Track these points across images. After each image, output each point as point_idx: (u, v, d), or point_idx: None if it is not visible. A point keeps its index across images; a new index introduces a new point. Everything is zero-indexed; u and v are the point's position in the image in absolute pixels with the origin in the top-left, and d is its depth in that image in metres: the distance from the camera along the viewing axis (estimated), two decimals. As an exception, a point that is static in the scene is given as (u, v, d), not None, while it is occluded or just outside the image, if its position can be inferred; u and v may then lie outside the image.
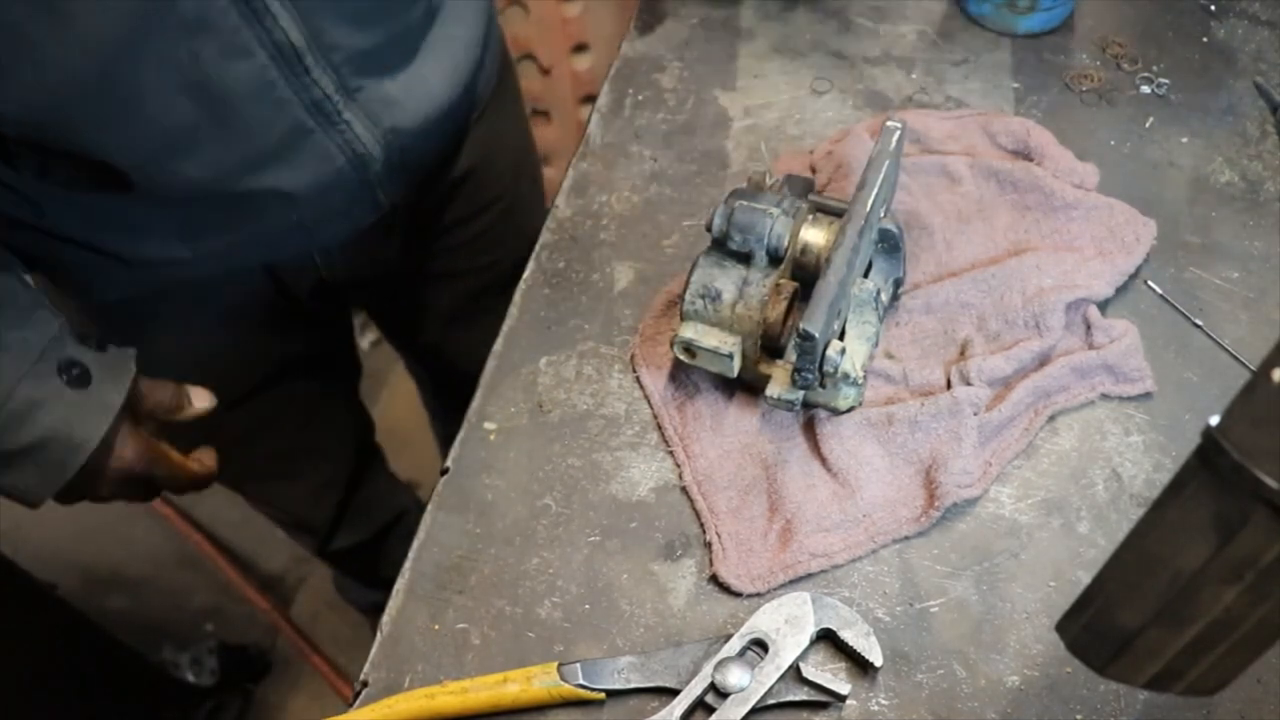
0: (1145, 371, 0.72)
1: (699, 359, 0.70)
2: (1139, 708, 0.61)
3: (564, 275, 0.81)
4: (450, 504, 0.71)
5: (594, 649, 0.65)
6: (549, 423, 0.74)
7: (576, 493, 0.71)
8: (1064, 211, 0.79)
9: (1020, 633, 0.64)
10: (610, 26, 1.65)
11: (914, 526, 0.67)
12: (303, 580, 1.94)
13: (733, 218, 0.68)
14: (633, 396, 0.75)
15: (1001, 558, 0.67)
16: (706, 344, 0.69)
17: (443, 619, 0.66)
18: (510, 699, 0.62)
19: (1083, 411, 0.72)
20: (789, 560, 0.66)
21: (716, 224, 0.69)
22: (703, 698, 0.61)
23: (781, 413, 0.71)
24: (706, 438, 0.71)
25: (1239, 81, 0.90)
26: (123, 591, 1.94)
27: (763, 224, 0.67)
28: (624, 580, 0.67)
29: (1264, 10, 0.95)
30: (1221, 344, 0.75)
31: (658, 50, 0.97)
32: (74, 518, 2.03)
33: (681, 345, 0.69)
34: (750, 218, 0.68)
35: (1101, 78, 0.91)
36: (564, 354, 0.77)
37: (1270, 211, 0.82)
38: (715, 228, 0.69)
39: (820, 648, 0.63)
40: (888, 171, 0.68)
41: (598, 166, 0.88)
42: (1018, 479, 0.70)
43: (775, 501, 0.68)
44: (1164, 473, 0.70)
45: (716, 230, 0.69)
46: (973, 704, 0.62)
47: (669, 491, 0.70)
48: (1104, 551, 0.66)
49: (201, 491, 0.93)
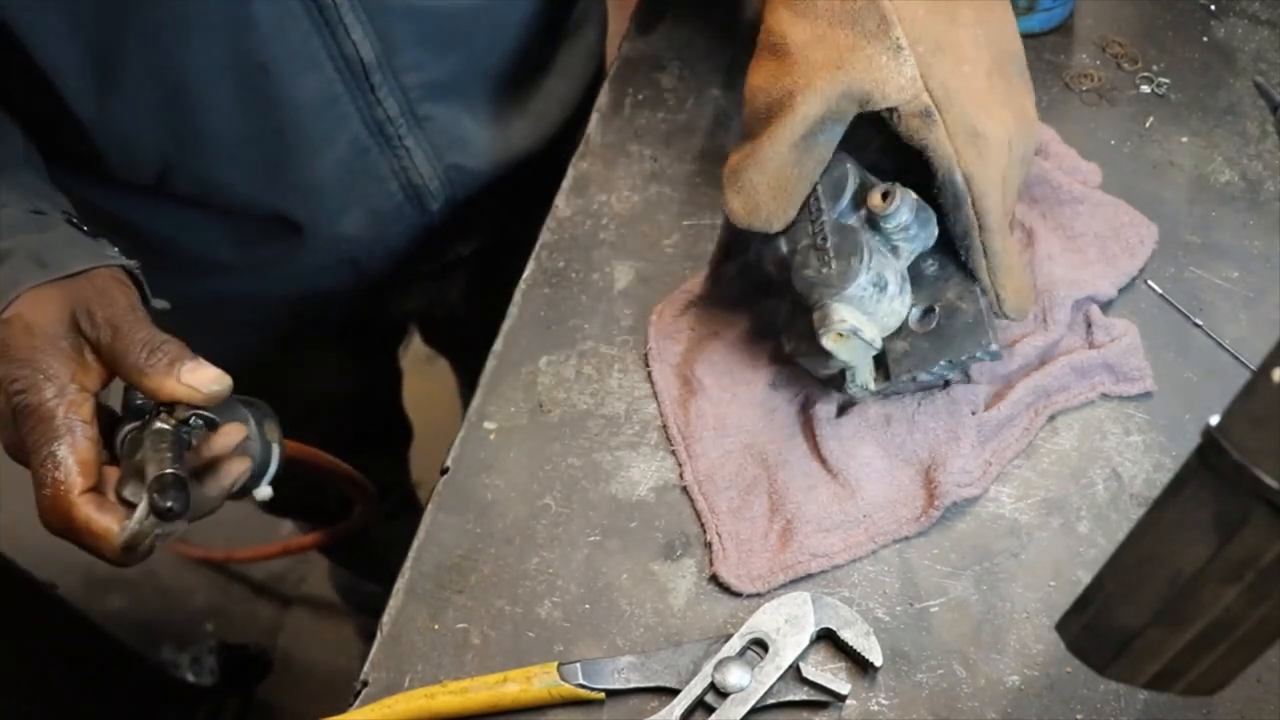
0: (1145, 371, 0.72)
1: (836, 352, 0.64)
2: (1139, 708, 0.61)
3: (564, 275, 0.81)
4: (450, 504, 0.71)
5: (594, 649, 0.65)
6: (549, 422, 0.74)
7: (576, 492, 0.71)
8: (1070, 205, 0.79)
9: (1020, 632, 0.64)
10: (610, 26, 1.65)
11: (914, 526, 0.67)
12: (303, 580, 1.94)
13: (919, 213, 0.65)
14: (633, 396, 0.75)
15: (1001, 558, 0.67)
16: (866, 334, 0.63)
17: (443, 619, 0.66)
18: (510, 699, 0.62)
19: (1083, 411, 0.72)
20: (789, 560, 0.66)
21: (904, 215, 0.64)
22: (703, 697, 0.61)
23: (782, 412, 0.72)
24: (709, 437, 0.71)
25: (1239, 81, 0.89)
26: (123, 591, 1.94)
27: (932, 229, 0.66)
28: (624, 580, 0.67)
29: (1264, 10, 0.95)
30: (1221, 344, 0.75)
31: (658, 50, 0.97)
32: (74, 518, 2.04)
33: (845, 329, 0.62)
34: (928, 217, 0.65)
35: (1101, 77, 0.91)
36: (564, 354, 0.77)
37: (1270, 211, 0.82)
38: (899, 216, 0.64)
39: (820, 647, 0.63)
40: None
41: (598, 166, 0.88)
42: (1018, 479, 0.70)
43: (776, 502, 0.68)
44: (1164, 473, 0.70)
45: (899, 219, 0.64)
46: (973, 704, 0.62)
47: (669, 491, 0.70)
48: (1104, 551, 0.66)
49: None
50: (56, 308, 0.59)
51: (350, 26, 0.70)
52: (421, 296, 1.00)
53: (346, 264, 0.86)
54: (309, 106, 0.73)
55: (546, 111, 0.88)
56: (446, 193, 0.85)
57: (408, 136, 0.79)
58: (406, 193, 0.82)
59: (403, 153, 0.80)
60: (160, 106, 0.70)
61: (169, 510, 0.56)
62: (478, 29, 0.79)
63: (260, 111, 0.71)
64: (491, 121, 0.84)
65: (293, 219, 0.79)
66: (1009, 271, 0.65)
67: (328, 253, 0.83)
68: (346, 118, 0.75)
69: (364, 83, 0.74)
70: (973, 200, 0.63)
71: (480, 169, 0.85)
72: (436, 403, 1.64)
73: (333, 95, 0.73)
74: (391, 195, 0.82)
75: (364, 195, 0.81)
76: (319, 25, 0.69)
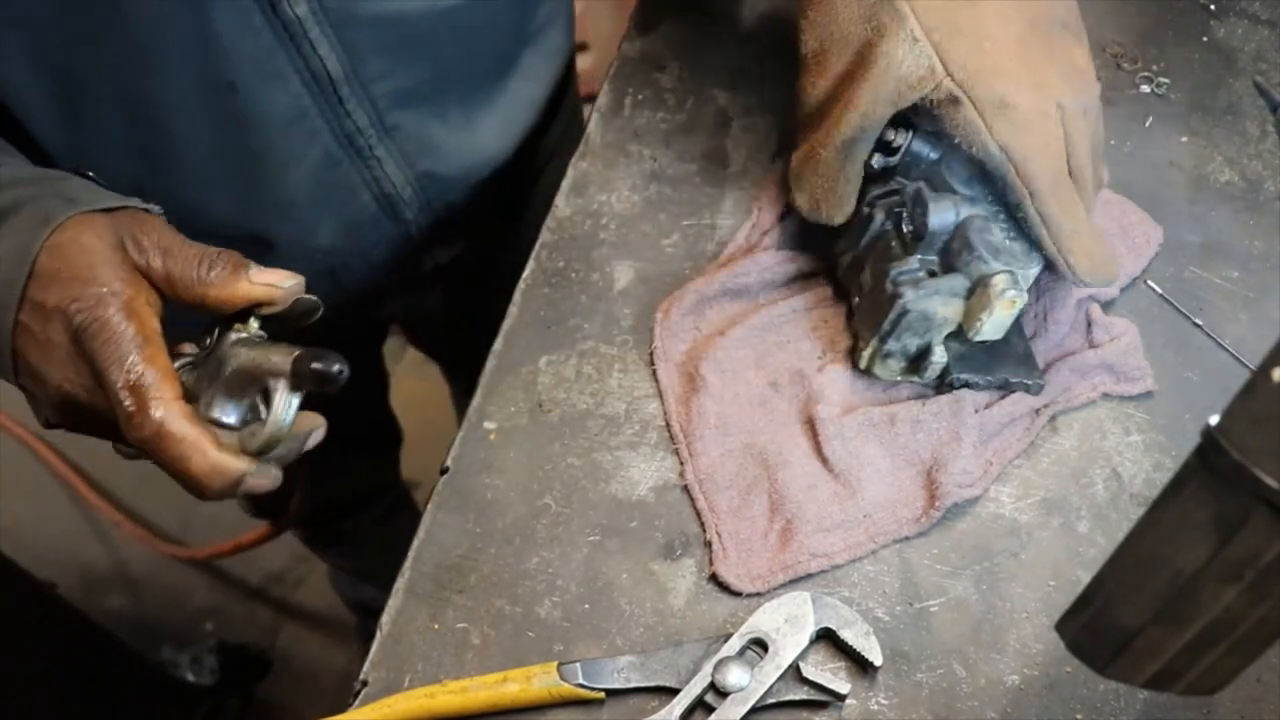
0: (1146, 370, 0.72)
1: (999, 322, 0.67)
2: (1139, 707, 0.61)
3: (564, 275, 0.81)
4: (450, 504, 0.71)
5: (594, 648, 0.65)
6: (549, 422, 0.74)
7: (576, 492, 0.71)
8: None
9: (1020, 632, 0.64)
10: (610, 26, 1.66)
11: (914, 527, 0.67)
12: (302, 580, 1.94)
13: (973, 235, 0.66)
14: (632, 396, 0.75)
15: (1001, 557, 0.67)
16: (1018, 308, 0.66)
17: (443, 618, 0.66)
18: (510, 698, 0.62)
19: (1083, 411, 0.72)
20: (789, 560, 0.66)
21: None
22: (702, 697, 0.61)
23: (784, 412, 0.72)
24: (710, 436, 0.71)
25: (1239, 81, 0.89)
26: (123, 591, 1.94)
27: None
28: (624, 580, 0.67)
29: (1264, 10, 0.95)
30: (1221, 344, 0.75)
31: (657, 50, 0.97)
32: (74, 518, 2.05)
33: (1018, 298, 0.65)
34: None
35: (1101, 78, 0.91)
36: (564, 354, 0.77)
37: (1270, 211, 0.82)
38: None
39: (820, 647, 0.63)
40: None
41: (597, 166, 0.88)
42: (1018, 479, 0.70)
43: (776, 501, 0.68)
44: (1164, 473, 0.70)
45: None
46: (973, 703, 0.62)
47: (669, 491, 0.70)
48: (1104, 551, 0.66)
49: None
50: (104, 232, 0.56)
51: (316, 41, 0.70)
52: (402, 303, 1.00)
53: (324, 275, 0.86)
54: (278, 123, 0.72)
55: (514, 114, 0.88)
56: (420, 200, 0.84)
57: (378, 146, 0.78)
58: (380, 203, 0.82)
59: (374, 163, 0.79)
60: (130, 133, 0.69)
61: (338, 373, 0.52)
62: (443, 34, 0.78)
63: (230, 131, 0.71)
64: (460, 126, 0.84)
65: (266, 236, 0.79)
66: (1075, 235, 0.65)
67: (303, 265, 0.84)
68: (316, 132, 0.75)
69: (332, 95, 0.73)
70: (1015, 169, 0.63)
71: (452, 174, 0.85)
72: (432, 404, 1.64)
73: (301, 110, 0.73)
74: (365, 206, 0.81)
75: (337, 207, 0.80)
76: (283, 40, 0.69)
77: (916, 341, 0.69)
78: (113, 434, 0.57)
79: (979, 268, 0.66)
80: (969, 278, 0.67)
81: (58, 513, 1.99)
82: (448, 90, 0.81)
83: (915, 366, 0.70)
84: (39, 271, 0.54)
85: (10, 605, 1.36)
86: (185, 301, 0.57)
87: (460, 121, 0.84)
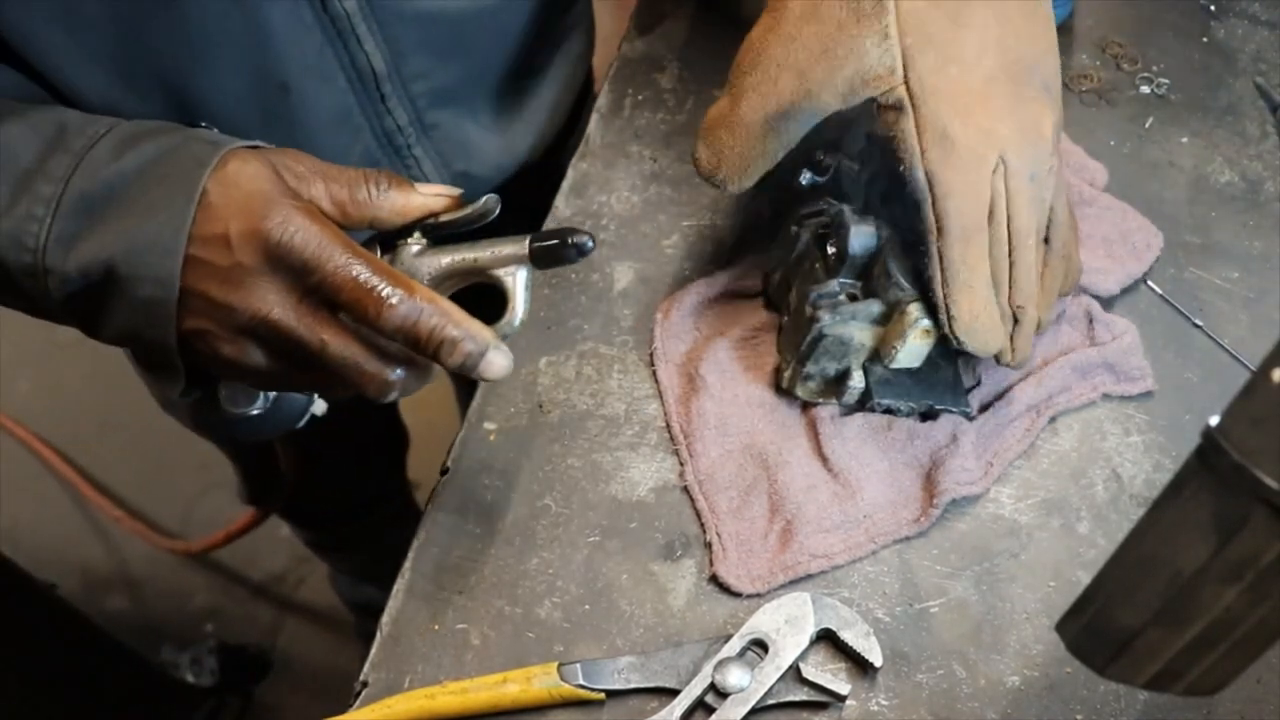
0: (1146, 370, 0.72)
1: (911, 351, 0.66)
2: (1139, 708, 0.61)
3: (564, 275, 0.81)
4: (450, 504, 0.71)
5: (594, 649, 0.65)
6: (549, 423, 0.74)
7: (576, 493, 0.71)
8: (1078, 208, 0.79)
9: (1020, 633, 0.64)
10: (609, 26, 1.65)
11: (914, 527, 0.67)
12: (302, 581, 1.94)
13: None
14: (633, 397, 0.75)
15: (1001, 558, 0.67)
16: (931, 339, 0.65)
17: (443, 619, 0.66)
18: (510, 699, 0.62)
19: (1083, 411, 0.72)
20: (789, 561, 0.66)
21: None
22: (703, 698, 0.61)
23: (783, 412, 0.72)
24: (710, 437, 0.71)
25: (1239, 81, 0.89)
26: (123, 592, 1.94)
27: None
28: (624, 580, 0.67)
29: (1264, 10, 0.95)
30: (1221, 344, 0.75)
31: (657, 50, 0.97)
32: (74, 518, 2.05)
33: (930, 328, 0.64)
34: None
35: (1101, 78, 0.91)
36: (564, 354, 0.77)
37: (1270, 211, 0.82)
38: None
39: (820, 648, 0.63)
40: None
41: (597, 166, 0.88)
42: (1018, 479, 0.70)
43: (776, 502, 0.68)
44: (1164, 473, 0.70)
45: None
46: (973, 704, 0.62)
47: (669, 491, 0.70)
48: (1104, 551, 0.66)
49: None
50: (259, 165, 0.55)
51: (363, 37, 0.70)
52: None
53: None
54: (324, 121, 0.73)
55: (543, 117, 0.89)
56: None
57: (416, 145, 0.79)
58: None
59: (411, 162, 0.80)
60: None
61: (586, 245, 0.57)
62: (481, 34, 0.79)
63: (280, 131, 0.71)
64: (494, 127, 0.85)
65: None
66: (967, 289, 0.62)
67: None
68: (359, 130, 0.75)
69: (375, 93, 0.74)
70: (933, 201, 0.62)
71: (486, 175, 0.86)
72: (433, 405, 1.64)
73: (345, 108, 0.73)
74: None
75: None
76: (331, 37, 0.69)
77: (835, 365, 0.68)
78: (299, 359, 0.56)
79: (895, 294, 0.65)
80: (886, 304, 0.66)
81: (58, 513, 1.99)
82: (482, 91, 0.82)
83: (834, 390, 0.69)
84: (210, 204, 0.54)
85: (10, 606, 1.36)
86: (352, 222, 0.57)
87: (493, 122, 0.84)
